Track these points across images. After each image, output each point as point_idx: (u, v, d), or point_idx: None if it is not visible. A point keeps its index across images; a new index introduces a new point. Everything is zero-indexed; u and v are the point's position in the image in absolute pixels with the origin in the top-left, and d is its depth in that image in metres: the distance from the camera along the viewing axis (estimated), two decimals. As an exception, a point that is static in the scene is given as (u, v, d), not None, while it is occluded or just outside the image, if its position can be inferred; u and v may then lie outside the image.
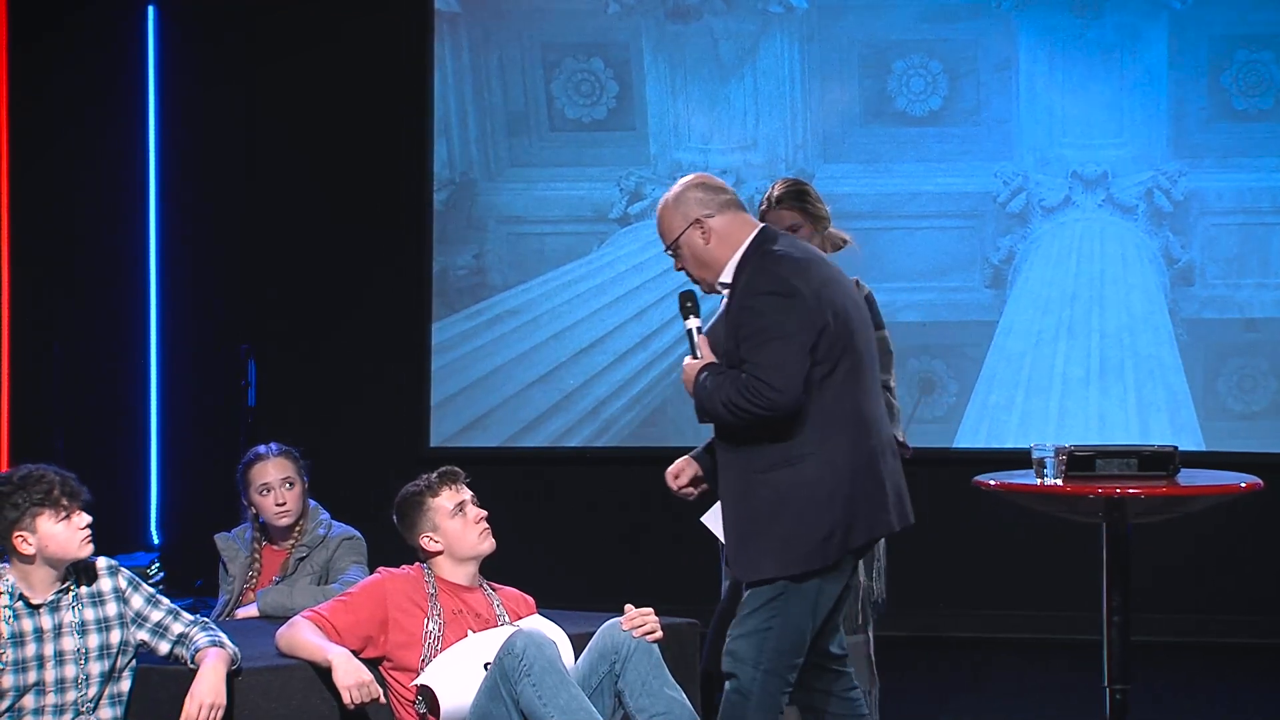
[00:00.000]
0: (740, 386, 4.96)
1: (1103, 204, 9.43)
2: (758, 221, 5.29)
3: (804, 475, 5.02)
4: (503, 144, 9.87)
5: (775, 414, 4.95)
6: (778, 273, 5.05)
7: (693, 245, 5.21)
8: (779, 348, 4.96)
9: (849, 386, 5.07)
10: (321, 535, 6.53)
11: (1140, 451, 5.88)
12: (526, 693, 5.28)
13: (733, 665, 5.07)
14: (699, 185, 5.25)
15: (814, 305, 5.01)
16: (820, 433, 5.02)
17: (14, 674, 5.20)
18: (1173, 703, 7.81)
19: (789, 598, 5.04)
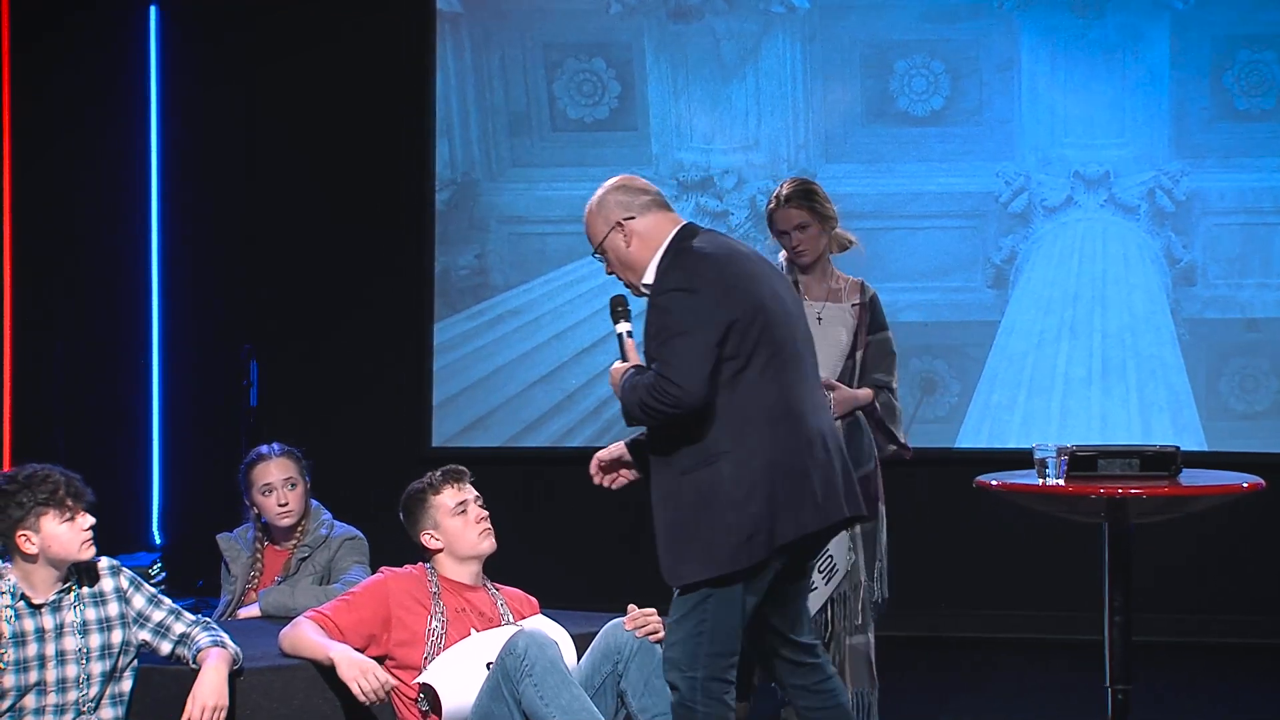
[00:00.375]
0: (649, 386, 4.93)
1: (1105, 204, 9.43)
2: (680, 219, 5.22)
3: (721, 474, 4.94)
4: (504, 144, 9.86)
5: (680, 411, 4.90)
6: (685, 269, 5.01)
7: (615, 248, 5.19)
8: (681, 344, 4.91)
9: (769, 380, 4.99)
10: (323, 535, 6.53)
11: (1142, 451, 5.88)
12: (528, 693, 5.29)
13: (674, 676, 5.01)
14: (619, 188, 5.23)
15: (720, 300, 4.95)
16: (736, 430, 4.95)
17: (15, 674, 5.20)
18: (1174, 703, 7.81)
19: (715, 601, 4.97)
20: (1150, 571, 7.97)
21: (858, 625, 6.54)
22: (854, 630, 6.55)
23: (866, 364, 6.61)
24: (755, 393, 4.97)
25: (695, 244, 5.10)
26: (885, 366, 6.63)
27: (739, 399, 4.96)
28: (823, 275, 6.62)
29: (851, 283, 6.64)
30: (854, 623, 6.53)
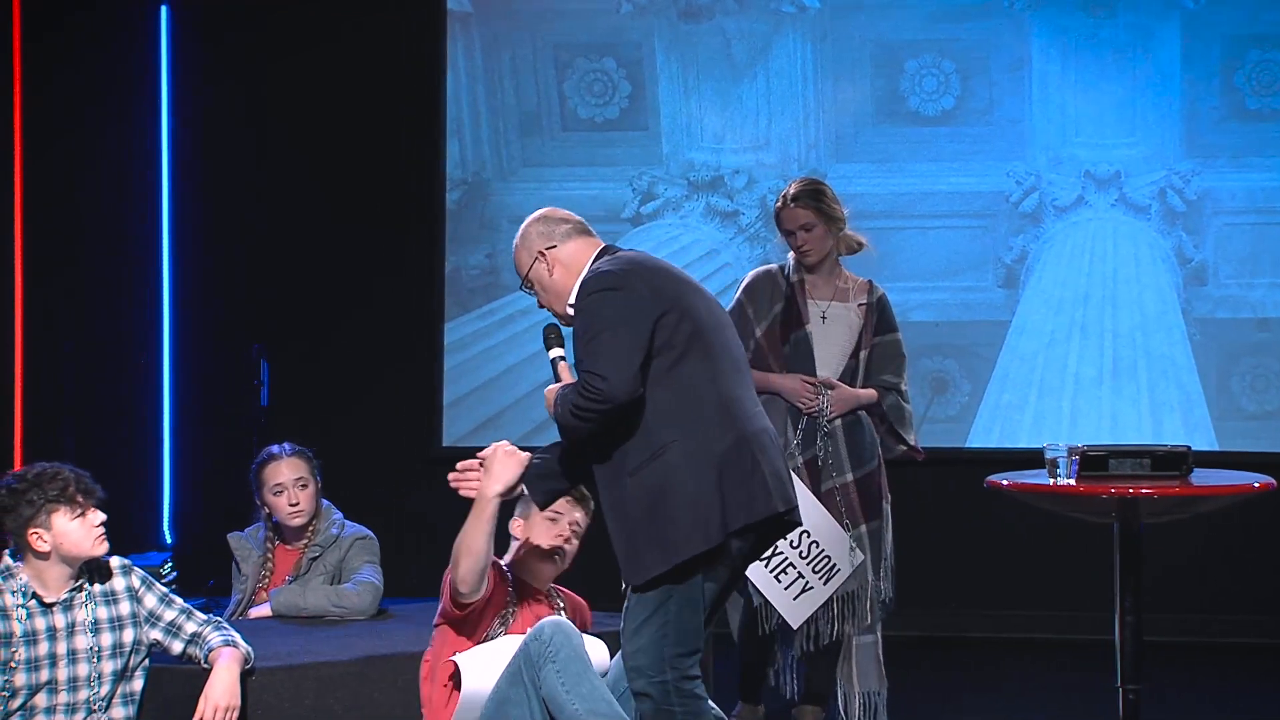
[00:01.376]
0: (578, 388, 4.92)
1: (1115, 203, 9.42)
2: (599, 242, 5.24)
3: (670, 465, 4.92)
4: (515, 144, 9.87)
5: (608, 405, 4.87)
6: (605, 272, 5.02)
7: (540, 278, 5.22)
8: (605, 338, 4.90)
9: (706, 373, 4.98)
10: (334, 535, 6.54)
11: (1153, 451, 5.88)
12: (550, 678, 5.29)
13: (643, 684, 4.97)
14: (540, 220, 5.28)
15: (646, 295, 4.96)
16: (680, 421, 4.94)
17: (26, 672, 5.21)
18: (1186, 703, 7.81)
19: (676, 600, 4.96)
20: (1161, 572, 7.96)
21: (867, 625, 6.55)
22: (863, 629, 6.55)
23: (874, 365, 6.62)
24: (694, 385, 4.97)
25: (615, 255, 5.15)
26: (894, 368, 6.63)
27: (679, 390, 4.95)
28: (830, 275, 6.63)
29: (859, 283, 6.65)
30: (863, 622, 6.53)
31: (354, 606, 6.34)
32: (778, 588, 6.27)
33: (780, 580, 6.25)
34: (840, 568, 6.38)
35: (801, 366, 6.52)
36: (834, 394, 6.48)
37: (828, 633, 6.49)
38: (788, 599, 6.31)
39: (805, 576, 6.31)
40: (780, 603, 6.32)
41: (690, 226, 9.68)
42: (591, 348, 4.92)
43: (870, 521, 6.53)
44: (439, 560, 9.71)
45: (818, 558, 6.31)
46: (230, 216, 10.07)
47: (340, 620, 6.30)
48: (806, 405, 6.47)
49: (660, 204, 9.64)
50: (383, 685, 5.66)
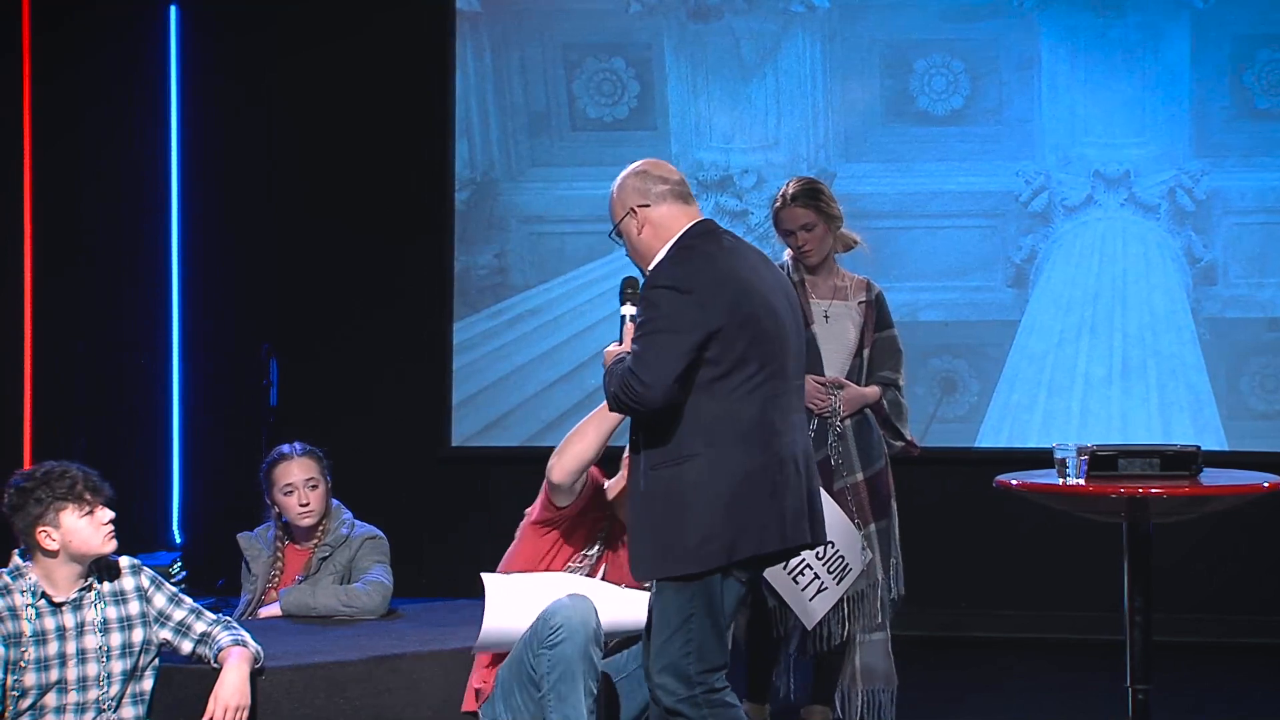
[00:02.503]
0: (621, 377, 4.92)
1: (1125, 203, 9.41)
2: (697, 213, 5.18)
3: (687, 477, 4.92)
4: (524, 144, 9.87)
5: (641, 408, 4.89)
6: (682, 268, 4.98)
7: (628, 233, 5.18)
8: (658, 341, 4.88)
9: (749, 393, 4.94)
10: (344, 535, 6.54)
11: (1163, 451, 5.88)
12: (540, 666, 5.32)
13: (672, 702, 4.98)
14: (639, 174, 5.19)
15: (710, 305, 4.90)
16: (709, 436, 4.92)
17: (36, 672, 5.22)
18: (1196, 703, 7.80)
19: (697, 617, 4.95)
20: (1171, 571, 7.96)
21: (877, 623, 6.55)
22: (872, 628, 6.55)
23: (873, 362, 6.63)
24: (734, 403, 4.93)
25: (703, 244, 5.07)
26: (892, 364, 6.65)
27: (716, 406, 4.93)
28: (829, 274, 6.64)
29: (857, 281, 6.66)
30: (873, 621, 6.54)
31: (364, 606, 6.35)
32: (795, 589, 6.27)
33: (798, 582, 6.25)
34: (852, 567, 6.39)
35: (808, 367, 6.52)
36: (844, 393, 6.49)
37: (838, 633, 6.50)
38: (804, 600, 6.32)
39: (821, 577, 6.32)
40: (797, 604, 6.32)
41: (699, 226, 9.67)
42: (643, 344, 4.91)
43: (879, 520, 6.54)
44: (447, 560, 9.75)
45: (833, 558, 6.32)
46: (239, 216, 10.08)
47: (350, 620, 6.30)
48: (819, 406, 6.48)
49: (669, 204, 9.63)
50: (392, 685, 5.66)
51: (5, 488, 5.31)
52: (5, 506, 5.28)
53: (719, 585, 4.96)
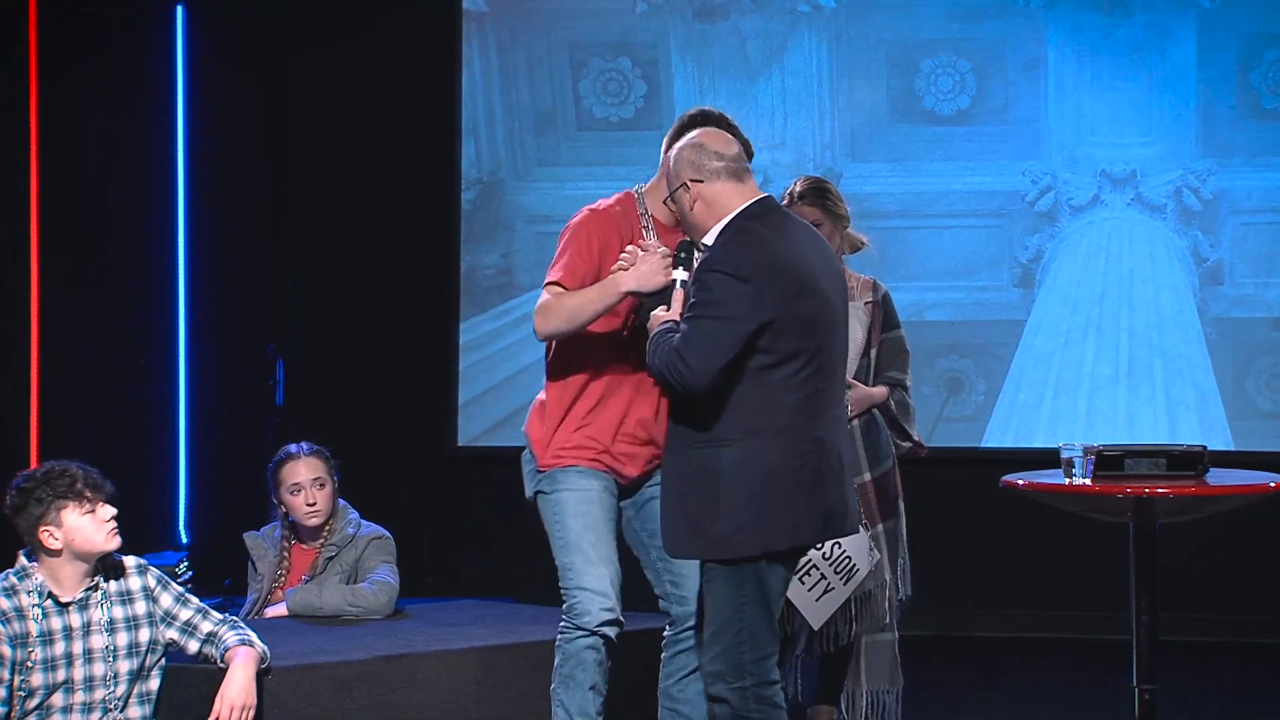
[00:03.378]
0: (667, 354, 4.91)
1: (1131, 203, 9.41)
2: (757, 192, 5.14)
3: (722, 461, 4.93)
4: (530, 143, 9.87)
5: (684, 390, 4.90)
6: (741, 254, 4.95)
7: (681, 205, 5.14)
8: (709, 327, 4.87)
9: (795, 385, 4.94)
10: (351, 535, 6.54)
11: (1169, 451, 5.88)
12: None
13: (721, 689, 5.00)
14: (695, 146, 5.14)
15: (765, 297, 4.89)
16: (750, 423, 4.93)
17: (43, 672, 5.22)
18: (1202, 703, 7.80)
19: (749, 605, 4.97)
20: (1177, 571, 7.96)
21: (885, 624, 6.55)
22: (879, 628, 6.55)
23: (880, 362, 6.62)
24: (778, 393, 4.93)
25: (761, 228, 5.03)
26: (899, 364, 6.64)
27: (760, 394, 4.93)
28: None
29: (864, 281, 6.65)
30: (880, 621, 6.53)
31: (370, 606, 6.35)
32: (801, 589, 6.27)
33: (804, 583, 6.25)
34: (859, 568, 6.39)
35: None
36: (852, 394, 6.49)
37: (846, 633, 6.50)
38: (810, 600, 6.31)
39: (828, 578, 6.32)
40: (803, 604, 6.32)
41: (705, 226, 9.67)
42: (694, 327, 4.90)
43: (886, 521, 6.53)
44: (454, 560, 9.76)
45: (839, 558, 6.31)
46: (245, 216, 10.08)
47: (356, 620, 6.30)
48: None
49: (675, 204, 9.63)
50: (399, 685, 5.66)
51: (7, 489, 5.31)
52: (8, 507, 5.28)
53: (767, 573, 4.98)
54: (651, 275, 5.22)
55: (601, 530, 5.45)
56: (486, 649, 5.88)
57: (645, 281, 5.23)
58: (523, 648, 5.79)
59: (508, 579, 8.99)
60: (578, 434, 5.50)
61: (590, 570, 5.40)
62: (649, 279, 5.23)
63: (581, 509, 5.44)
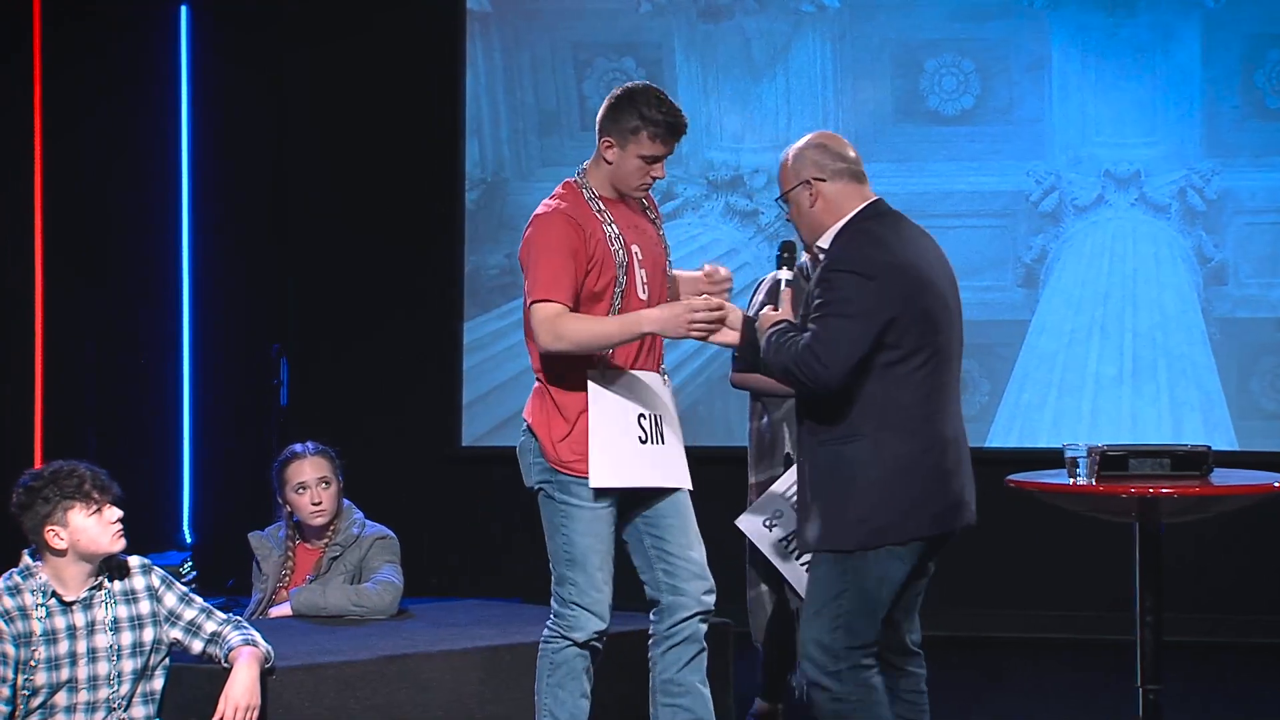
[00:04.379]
0: (795, 354, 4.99)
1: (1135, 203, 9.41)
2: (870, 194, 5.25)
3: (852, 456, 5.02)
4: (534, 143, 9.87)
5: (816, 389, 4.98)
6: (865, 252, 5.05)
7: (799, 204, 5.22)
8: (839, 325, 4.96)
9: (920, 379, 5.05)
10: (355, 534, 6.54)
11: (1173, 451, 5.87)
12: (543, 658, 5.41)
13: (815, 674, 5.08)
14: (819, 146, 5.24)
15: (891, 293, 5.00)
16: (876, 418, 5.02)
17: (47, 671, 5.22)
18: (1206, 704, 7.79)
19: (850, 593, 5.04)
20: (1182, 571, 7.95)
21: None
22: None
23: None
24: (902, 388, 5.03)
25: (880, 228, 5.15)
26: None
27: (886, 390, 5.02)
28: None
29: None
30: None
31: (374, 606, 6.35)
32: None
33: None
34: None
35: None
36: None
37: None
38: None
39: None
40: None
41: (710, 226, 9.68)
42: (825, 325, 4.98)
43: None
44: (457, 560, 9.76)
45: None
46: (249, 216, 10.09)
47: (360, 620, 6.30)
48: None
49: (680, 203, 9.64)
50: (403, 685, 5.66)
51: (14, 487, 5.31)
52: (14, 506, 5.29)
53: (874, 564, 5.04)
54: (675, 325, 5.24)
55: (607, 550, 5.44)
56: (490, 649, 5.89)
57: (667, 328, 5.27)
58: (526, 648, 5.78)
59: (511, 579, 8.99)
60: None
61: (591, 592, 5.39)
62: (670, 327, 5.26)
63: (593, 528, 5.41)
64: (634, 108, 5.49)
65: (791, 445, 6.48)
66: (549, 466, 5.45)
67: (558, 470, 5.43)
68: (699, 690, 5.50)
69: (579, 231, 5.43)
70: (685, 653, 5.50)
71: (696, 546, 5.52)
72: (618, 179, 5.53)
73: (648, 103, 5.49)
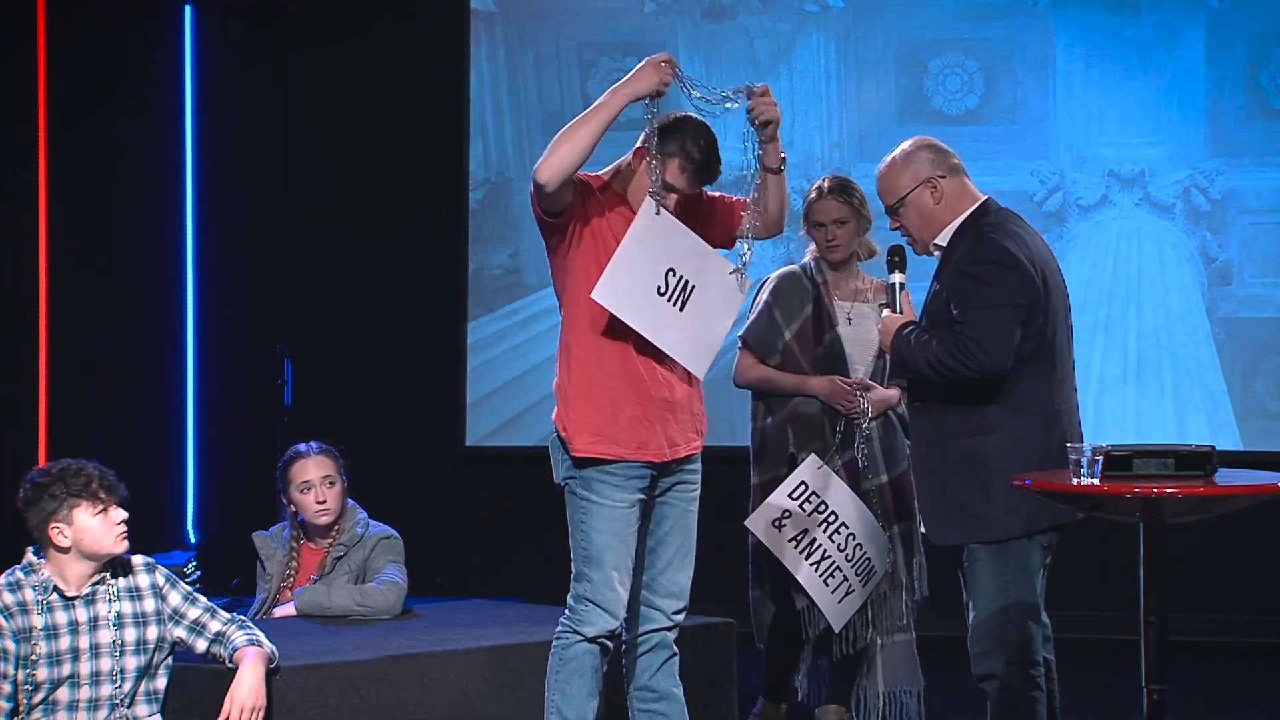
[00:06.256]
0: (950, 346, 5.06)
1: (1140, 203, 9.41)
2: (978, 191, 5.37)
3: (992, 446, 5.12)
4: (538, 143, 9.84)
5: (983, 377, 5.06)
6: (1002, 244, 5.16)
7: (921, 204, 5.35)
8: (996, 314, 5.06)
9: (1046, 369, 5.18)
10: (359, 534, 6.54)
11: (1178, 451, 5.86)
12: (553, 656, 5.41)
13: (990, 665, 5.20)
14: (931, 147, 5.43)
15: (1032, 282, 5.12)
16: (1012, 408, 5.13)
17: (48, 666, 5.22)
18: (1211, 704, 7.79)
19: (1013, 585, 5.15)
20: (1186, 571, 7.95)
21: (901, 624, 6.55)
22: (895, 629, 6.55)
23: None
24: (1035, 378, 5.17)
25: (1005, 221, 5.28)
26: None
27: (1021, 379, 5.13)
28: (850, 276, 6.65)
29: (877, 284, 6.66)
30: (897, 622, 6.54)
31: (378, 606, 6.35)
32: (825, 591, 6.28)
33: (828, 584, 6.26)
34: (877, 570, 6.40)
35: (833, 368, 6.51)
36: (870, 395, 6.49)
37: (863, 636, 6.51)
38: (833, 602, 6.32)
39: (849, 580, 6.33)
40: (827, 606, 6.32)
41: (714, 226, 9.67)
42: (982, 316, 5.07)
43: (901, 522, 6.54)
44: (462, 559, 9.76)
45: (860, 560, 6.32)
46: (253, 215, 10.09)
47: (364, 620, 6.30)
48: (847, 407, 6.46)
49: (684, 203, 9.63)
50: (407, 685, 5.66)
51: (21, 482, 5.32)
52: (20, 500, 5.29)
53: (1029, 553, 5.17)
54: (644, 76, 5.34)
55: (626, 550, 5.44)
56: (495, 649, 5.89)
57: (639, 79, 5.35)
58: (531, 647, 5.79)
59: (516, 578, 8.99)
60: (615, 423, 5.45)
61: (605, 590, 5.40)
62: (643, 76, 5.35)
63: (612, 527, 5.42)
64: (680, 135, 5.48)
65: (795, 445, 6.48)
66: (574, 463, 5.44)
67: (581, 467, 5.42)
68: (674, 694, 5.56)
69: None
70: (656, 658, 5.55)
71: (685, 569, 5.57)
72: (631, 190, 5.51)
73: (695, 138, 5.49)
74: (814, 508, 6.19)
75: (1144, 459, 5.80)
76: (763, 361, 6.60)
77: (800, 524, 6.17)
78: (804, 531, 6.18)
